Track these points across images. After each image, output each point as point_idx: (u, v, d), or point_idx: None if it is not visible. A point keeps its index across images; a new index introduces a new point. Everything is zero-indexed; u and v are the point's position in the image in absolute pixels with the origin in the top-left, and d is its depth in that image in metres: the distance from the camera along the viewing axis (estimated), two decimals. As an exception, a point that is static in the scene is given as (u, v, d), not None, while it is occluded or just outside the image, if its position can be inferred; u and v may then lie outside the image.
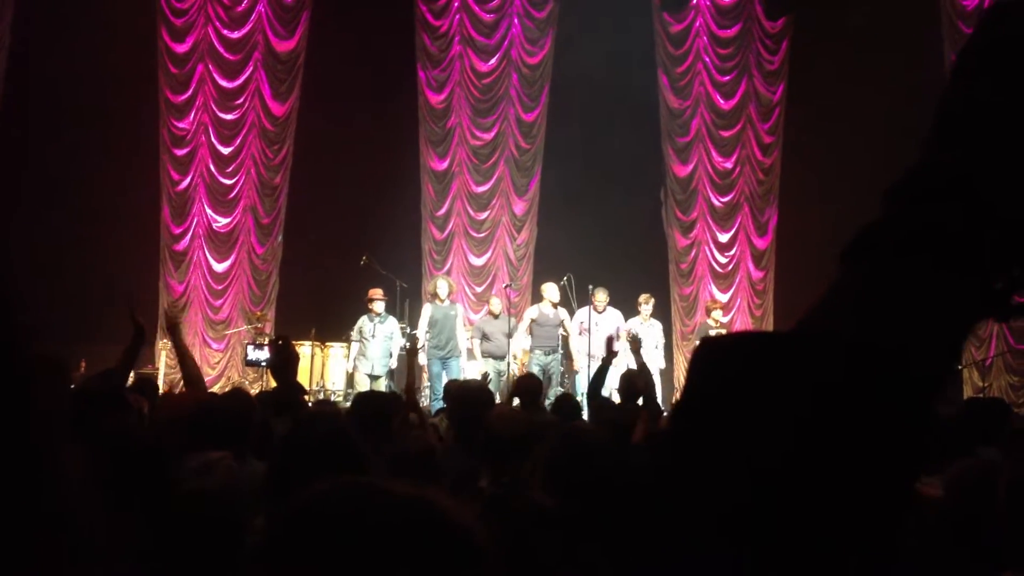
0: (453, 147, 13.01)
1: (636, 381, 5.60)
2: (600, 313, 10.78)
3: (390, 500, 0.83)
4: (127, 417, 3.38)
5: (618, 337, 10.45)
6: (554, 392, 9.52)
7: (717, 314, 11.41)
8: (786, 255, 13.11)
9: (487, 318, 10.96)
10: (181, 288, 12.40)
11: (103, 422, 3.17)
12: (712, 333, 10.93)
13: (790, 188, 13.14)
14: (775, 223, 13.33)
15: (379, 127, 12.43)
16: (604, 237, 11.81)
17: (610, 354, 6.33)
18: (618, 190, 12.22)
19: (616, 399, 6.73)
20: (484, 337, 10.73)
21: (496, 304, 10.96)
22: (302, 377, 7.86)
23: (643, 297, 11.52)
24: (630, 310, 11.06)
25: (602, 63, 12.05)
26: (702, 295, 13.12)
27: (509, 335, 10.66)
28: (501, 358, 10.59)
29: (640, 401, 5.38)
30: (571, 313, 10.82)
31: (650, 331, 11.16)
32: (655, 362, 11.05)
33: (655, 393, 5.44)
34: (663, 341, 11.54)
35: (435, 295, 10.79)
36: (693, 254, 13.21)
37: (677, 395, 10.85)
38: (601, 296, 10.80)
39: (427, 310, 10.79)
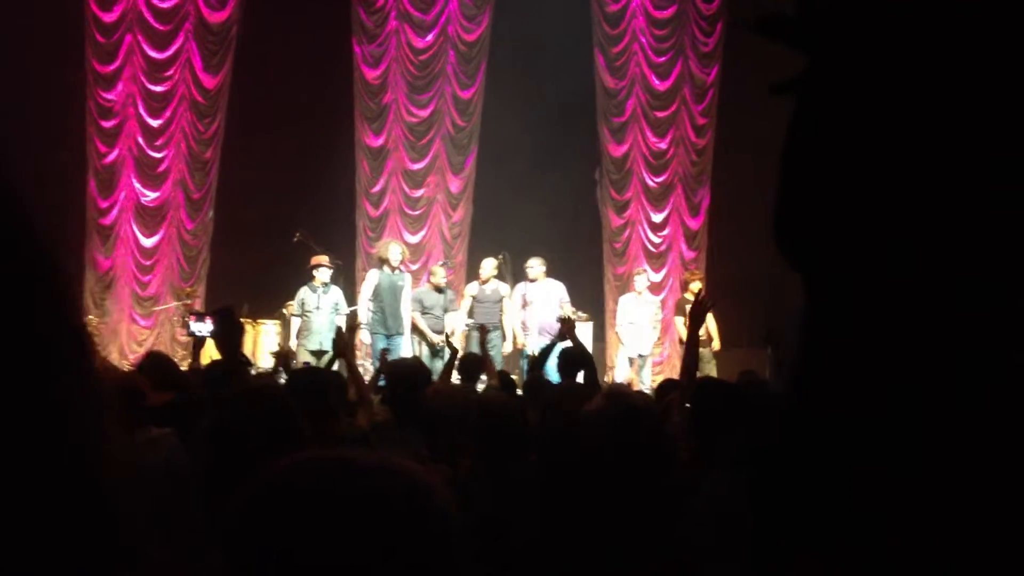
0: (389, 123, 12.91)
1: (575, 359, 5.63)
2: (539, 282, 10.61)
3: (359, 470, 0.83)
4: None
5: (561, 309, 10.38)
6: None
7: (695, 286, 10.88)
8: (718, 236, 13.28)
9: (427, 289, 10.60)
10: (108, 263, 12.14)
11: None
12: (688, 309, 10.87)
13: (723, 169, 13.30)
14: (708, 204, 13.49)
15: (313, 102, 12.27)
16: (539, 216, 11.83)
17: (561, 335, 6.29)
18: (554, 169, 12.25)
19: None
20: (425, 310, 10.36)
21: (440, 275, 10.58)
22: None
23: (636, 269, 11.49)
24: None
25: (539, 42, 12.04)
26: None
27: (446, 310, 10.44)
28: (438, 333, 10.29)
29: (580, 378, 5.41)
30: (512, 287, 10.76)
31: (644, 308, 11.05)
32: (643, 344, 10.90)
33: (594, 370, 5.47)
34: (659, 317, 11.40)
35: (382, 261, 10.31)
36: (627, 234, 13.31)
37: (609, 376, 10.89)
38: (534, 263, 10.59)
39: (372, 277, 10.30)
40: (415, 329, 10.47)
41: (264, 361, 11.03)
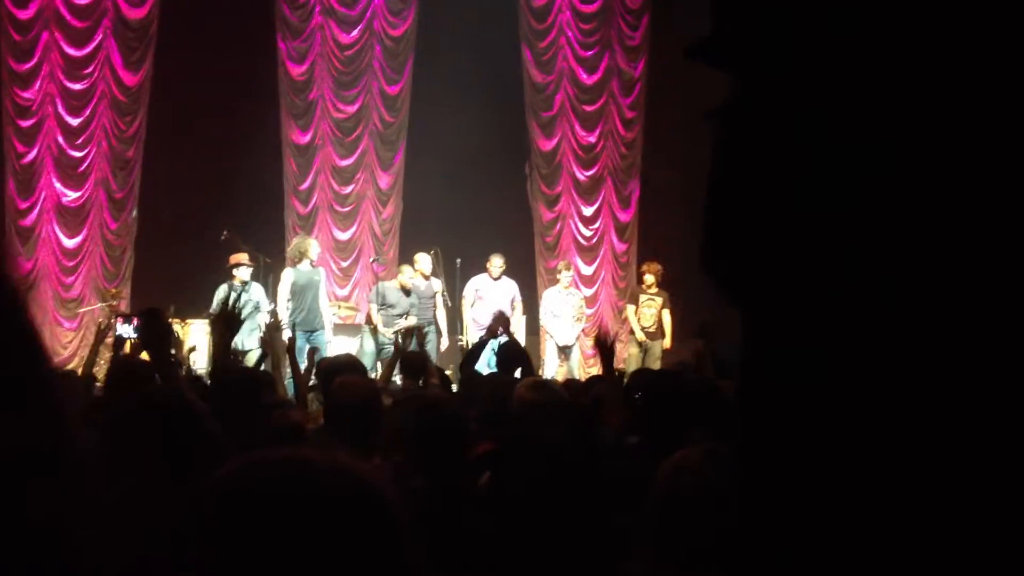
0: (316, 120, 12.77)
1: (512, 355, 5.63)
2: (496, 280, 10.68)
3: (314, 470, 0.83)
4: None
5: (513, 308, 10.41)
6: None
7: (650, 279, 11.05)
8: (648, 228, 13.42)
9: (392, 286, 10.41)
10: (29, 265, 11.84)
11: None
12: (643, 298, 10.98)
13: (651, 162, 13.43)
14: (638, 196, 13.61)
15: (238, 99, 12.07)
16: (470, 211, 11.82)
17: (492, 331, 6.29)
18: (483, 164, 12.24)
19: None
20: (384, 305, 10.22)
21: (408, 275, 10.38)
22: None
23: (562, 264, 11.57)
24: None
25: (466, 37, 12.02)
26: (568, 268, 13.30)
27: (406, 314, 10.24)
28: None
29: (518, 373, 5.42)
30: (448, 284, 10.74)
31: (569, 301, 11.11)
32: (568, 335, 10.96)
33: (530, 365, 5.48)
34: (586, 313, 11.51)
35: (303, 256, 10.09)
36: (558, 227, 13.38)
37: (540, 370, 10.96)
38: (497, 262, 10.66)
39: (288, 275, 10.06)
40: (369, 322, 10.40)
41: (193, 361, 10.85)
